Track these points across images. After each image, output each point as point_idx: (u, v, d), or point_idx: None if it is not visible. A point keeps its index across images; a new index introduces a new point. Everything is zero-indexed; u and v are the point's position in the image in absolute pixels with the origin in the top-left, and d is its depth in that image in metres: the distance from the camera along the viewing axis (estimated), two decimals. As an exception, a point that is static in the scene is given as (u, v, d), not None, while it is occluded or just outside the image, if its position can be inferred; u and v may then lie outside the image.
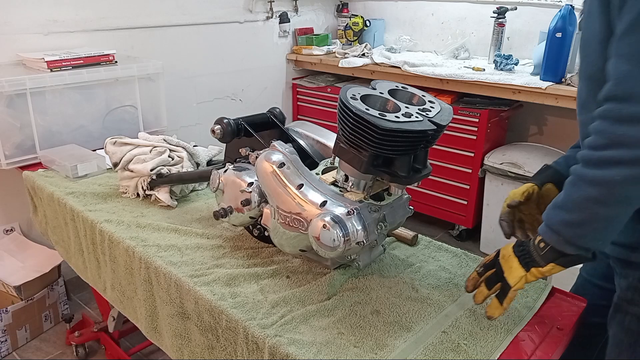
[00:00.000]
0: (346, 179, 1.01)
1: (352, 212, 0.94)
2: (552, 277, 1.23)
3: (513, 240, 0.96)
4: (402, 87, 1.01)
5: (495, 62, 2.57)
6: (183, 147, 1.54)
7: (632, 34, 0.70)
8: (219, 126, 1.18)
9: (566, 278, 1.17)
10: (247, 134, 1.19)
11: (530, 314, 0.99)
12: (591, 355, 1.09)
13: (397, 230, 1.23)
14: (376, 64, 2.83)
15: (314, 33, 3.34)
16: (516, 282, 0.86)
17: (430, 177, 1.00)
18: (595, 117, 0.75)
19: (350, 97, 0.91)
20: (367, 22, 3.16)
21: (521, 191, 1.00)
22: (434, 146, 0.95)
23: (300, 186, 1.01)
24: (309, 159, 1.14)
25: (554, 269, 0.83)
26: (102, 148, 1.59)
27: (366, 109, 0.89)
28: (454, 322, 0.96)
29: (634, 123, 0.68)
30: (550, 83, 2.25)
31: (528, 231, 1.02)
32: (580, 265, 1.14)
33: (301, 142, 1.16)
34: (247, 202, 1.11)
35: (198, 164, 1.56)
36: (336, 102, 0.94)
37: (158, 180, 1.43)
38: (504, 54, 2.56)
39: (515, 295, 0.88)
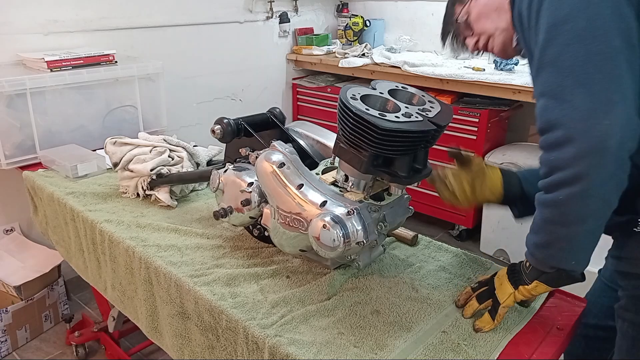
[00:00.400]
0: (346, 179, 1.01)
1: (352, 212, 0.94)
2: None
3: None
4: (402, 87, 1.01)
5: (495, 62, 2.57)
6: (183, 147, 1.54)
7: (541, 74, 0.79)
8: (219, 126, 1.18)
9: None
10: (247, 134, 1.19)
11: (530, 314, 0.99)
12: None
13: (397, 230, 1.23)
14: (376, 64, 2.83)
15: (314, 33, 3.34)
16: (505, 298, 0.91)
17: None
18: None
19: (350, 97, 0.91)
20: (367, 22, 3.16)
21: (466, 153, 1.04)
22: (434, 146, 0.96)
23: (300, 186, 1.01)
24: (309, 159, 1.14)
25: (539, 286, 0.89)
26: (102, 148, 1.59)
27: (366, 109, 0.89)
28: (454, 322, 0.96)
29: (559, 147, 0.75)
30: (550, 83, 2.25)
31: (444, 178, 1.07)
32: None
33: (301, 142, 1.16)
34: (247, 202, 1.11)
35: (198, 164, 1.55)
36: (336, 102, 0.93)
37: (158, 180, 1.43)
38: (504, 54, 2.56)
39: (505, 312, 0.92)
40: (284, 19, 3.10)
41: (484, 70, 2.53)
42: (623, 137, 0.72)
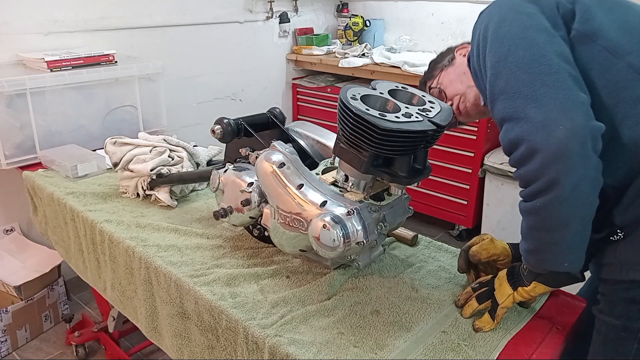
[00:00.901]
0: (346, 179, 1.01)
1: (352, 212, 0.94)
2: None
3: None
4: (402, 87, 1.01)
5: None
6: (183, 147, 1.54)
7: (496, 105, 0.85)
8: (219, 126, 1.18)
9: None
10: (247, 134, 1.19)
11: (530, 314, 0.99)
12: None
13: (397, 230, 1.23)
14: (376, 64, 2.83)
15: (314, 33, 3.34)
16: (504, 299, 0.93)
17: (430, 177, 1.00)
18: None
19: (351, 97, 0.91)
20: (367, 22, 3.16)
21: (489, 254, 1.05)
22: (434, 146, 0.96)
23: (300, 186, 1.01)
24: (309, 159, 1.14)
25: (537, 287, 0.91)
26: (102, 148, 1.59)
27: (366, 109, 0.89)
28: (453, 322, 0.96)
29: (526, 161, 0.79)
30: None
31: (481, 272, 1.07)
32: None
33: (301, 142, 1.16)
34: (247, 202, 1.11)
35: (198, 164, 1.56)
36: (336, 102, 0.94)
37: (158, 180, 1.43)
38: (504, 54, 2.56)
39: (504, 312, 0.94)
40: (284, 19, 3.10)
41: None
42: (584, 138, 0.75)
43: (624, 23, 0.88)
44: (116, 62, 1.98)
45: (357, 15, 3.20)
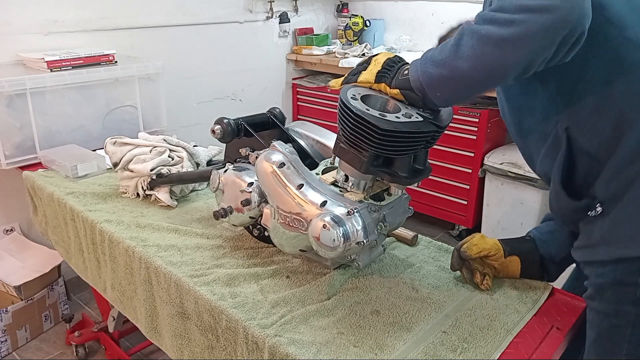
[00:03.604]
0: (346, 179, 1.01)
1: (352, 212, 0.94)
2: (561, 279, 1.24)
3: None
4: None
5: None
6: (183, 147, 1.54)
7: None
8: (219, 126, 1.18)
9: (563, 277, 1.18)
10: (247, 134, 1.19)
11: (530, 314, 0.99)
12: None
13: (397, 231, 1.23)
14: (376, 64, 2.83)
15: (314, 33, 3.33)
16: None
17: (430, 177, 1.00)
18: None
19: (351, 97, 0.91)
20: (367, 22, 3.16)
21: (479, 249, 1.05)
22: (434, 146, 0.96)
23: (300, 186, 1.01)
24: (309, 159, 1.14)
25: (398, 95, 0.90)
26: (102, 148, 1.59)
27: (366, 109, 0.89)
28: (454, 322, 0.96)
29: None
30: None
31: (476, 272, 1.07)
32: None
33: (301, 142, 1.16)
34: (247, 202, 1.11)
35: (198, 164, 1.55)
36: (336, 102, 0.94)
37: (158, 180, 1.42)
38: (504, 54, 2.56)
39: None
40: (284, 19, 3.10)
41: (484, 70, 2.53)
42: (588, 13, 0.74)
43: (631, 1, 0.88)
44: (116, 62, 1.98)
45: (357, 15, 3.20)
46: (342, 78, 0.98)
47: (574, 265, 1.14)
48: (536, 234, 1.10)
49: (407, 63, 0.91)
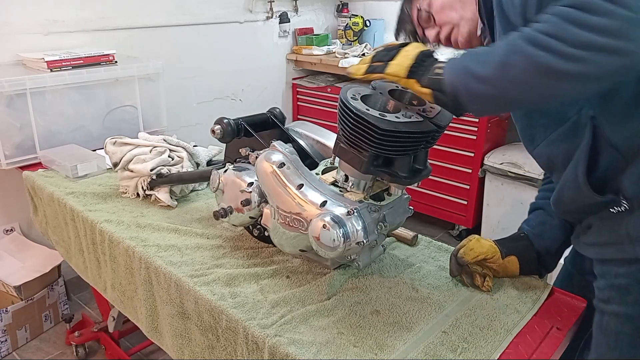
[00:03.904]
0: (346, 179, 1.01)
1: (352, 212, 0.94)
2: (552, 277, 1.24)
3: None
4: (402, 87, 1.01)
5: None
6: (183, 147, 1.54)
7: None
8: (219, 126, 1.18)
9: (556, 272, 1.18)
10: (247, 134, 1.19)
11: (530, 314, 0.99)
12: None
13: (397, 230, 1.23)
14: (376, 64, 2.83)
15: (314, 33, 3.33)
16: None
17: (430, 177, 1.00)
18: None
19: (351, 97, 0.91)
20: (367, 22, 3.16)
21: (476, 254, 1.04)
22: (434, 146, 0.96)
23: (300, 186, 1.01)
24: (309, 159, 1.14)
25: (427, 96, 0.82)
26: (102, 148, 1.59)
27: (366, 109, 0.89)
28: (454, 322, 0.96)
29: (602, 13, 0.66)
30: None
31: (476, 274, 1.06)
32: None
33: (301, 142, 1.16)
34: (247, 202, 1.11)
35: (198, 164, 1.55)
36: (336, 102, 0.94)
37: (158, 180, 1.42)
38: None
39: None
40: (284, 19, 3.10)
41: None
42: None
43: None
44: (116, 62, 1.98)
45: (357, 15, 3.20)
46: (364, 65, 0.88)
47: (561, 263, 1.14)
48: (529, 229, 1.09)
49: (438, 59, 0.83)
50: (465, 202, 2.73)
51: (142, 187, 1.45)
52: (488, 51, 0.76)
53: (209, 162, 1.59)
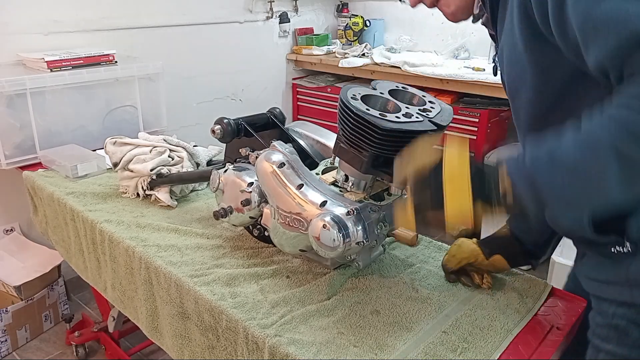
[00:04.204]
0: (346, 179, 1.01)
1: (352, 212, 0.94)
2: (551, 277, 1.23)
3: None
4: (402, 87, 1.01)
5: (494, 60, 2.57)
6: (183, 147, 1.54)
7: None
8: (219, 126, 1.18)
9: (562, 278, 1.18)
10: (247, 134, 1.19)
11: (529, 314, 0.99)
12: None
13: (397, 230, 1.23)
14: (376, 64, 2.83)
15: (314, 33, 3.33)
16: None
17: (430, 177, 1.00)
18: None
19: (351, 97, 0.91)
20: (367, 22, 3.16)
21: (457, 260, 1.05)
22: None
23: (300, 186, 1.01)
24: (309, 159, 1.14)
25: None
26: (102, 148, 1.59)
27: (367, 109, 0.89)
28: (454, 323, 0.96)
29: None
30: (550, 83, 2.24)
31: (473, 274, 1.06)
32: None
33: (301, 142, 1.16)
34: (247, 202, 1.11)
35: (198, 164, 1.55)
36: (336, 102, 0.94)
37: (158, 180, 1.43)
38: (504, 54, 2.56)
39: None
40: (284, 19, 3.10)
41: (484, 70, 2.53)
42: None
43: None
44: (116, 62, 1.98)
45: (357, 15, 3.20)
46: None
47: (571, 264, 1.12)
48: (514, 224, 1.06)
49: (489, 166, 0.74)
50: (465, 202, 2.73)
51: (142, 187, 1.45)
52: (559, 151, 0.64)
53: (209, 162, 1.59)
